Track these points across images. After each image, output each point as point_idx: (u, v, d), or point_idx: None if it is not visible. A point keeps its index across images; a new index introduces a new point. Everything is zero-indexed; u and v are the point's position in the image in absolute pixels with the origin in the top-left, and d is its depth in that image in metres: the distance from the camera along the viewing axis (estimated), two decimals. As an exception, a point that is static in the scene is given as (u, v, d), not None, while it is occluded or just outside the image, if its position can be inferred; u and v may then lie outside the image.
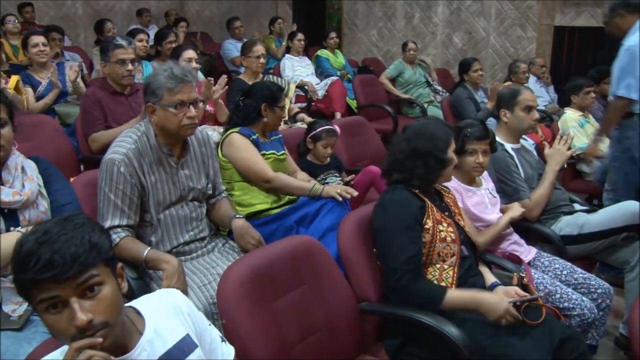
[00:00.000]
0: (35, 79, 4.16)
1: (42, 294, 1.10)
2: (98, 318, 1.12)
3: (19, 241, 1.14)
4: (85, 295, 1.12)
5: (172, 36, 4.93)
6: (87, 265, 1.12)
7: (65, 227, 1.14)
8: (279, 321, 1.82)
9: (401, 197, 2.08)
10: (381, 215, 2.09)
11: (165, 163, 2.24)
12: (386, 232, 2.04)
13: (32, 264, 1.08)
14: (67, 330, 1.11)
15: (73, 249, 1.10)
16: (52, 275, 1.08)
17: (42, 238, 1.11)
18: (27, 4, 7.02)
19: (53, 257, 1.08)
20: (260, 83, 3.17)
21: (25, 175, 1.97)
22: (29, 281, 1.09)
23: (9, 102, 1.96)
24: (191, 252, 2.31)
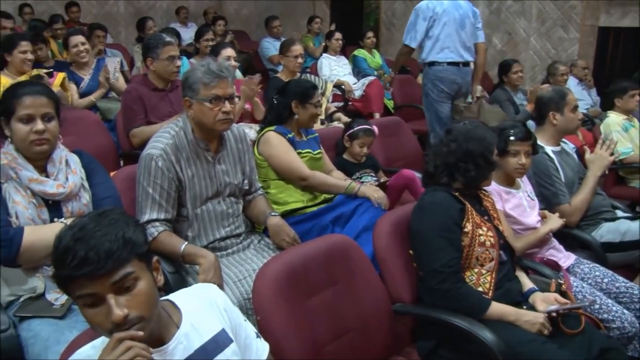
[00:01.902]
0: (77, 75, 4.28)
1: (79, 290, 1.14)
2: (133, 313, 1.14)
3: (58, 236, 1.17)
4: (120, 291, 1.15)
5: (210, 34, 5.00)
6: (121, 262, 1.14)
7: (100, 223, 1.16)
8: (312, 319, 1.82)
9: (441, 199, 2.06)
10: (420, 218, 2.07)
11: (202, 158, 2.27)
12: (426, 235, 2.02)
13: (68, 261, 1.11)
14: (104, 324, 1.14)
15: (107, 245, 1.13)
16: (87, 272, 1.11)
17: (78, 234, 1.13)
18: (74, 3, 7.19)
19: (88, 253, 1.11)
20: (292, 81, 3.19)
21: (69, 169, 2.02)
22: (66, 277, 1.12)
23: (56, 98, 2.03)
24: (227, 248, 2.33)
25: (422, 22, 4.16)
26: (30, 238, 1.84)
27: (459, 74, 4.28)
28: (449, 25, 4.14)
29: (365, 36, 6.39)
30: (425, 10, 4.19)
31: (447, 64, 4.22)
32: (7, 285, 1.94)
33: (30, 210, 1.91)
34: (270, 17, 7.02)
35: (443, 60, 4.20)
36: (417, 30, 4.18)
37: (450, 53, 4.19)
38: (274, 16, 7.09)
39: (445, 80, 4.25)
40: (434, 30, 4.13)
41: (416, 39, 4.19)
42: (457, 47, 4.20)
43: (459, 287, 1.95)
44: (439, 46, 4.17)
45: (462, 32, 4.21)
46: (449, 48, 4.18)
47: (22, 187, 1.92)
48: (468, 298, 1.95)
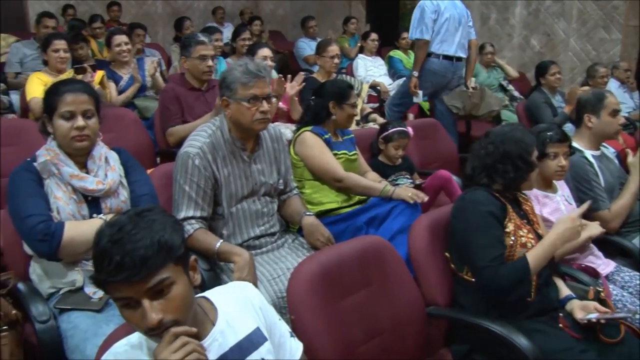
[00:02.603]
0: (117, 74, 4.36)
1: (116, 293, 1.16)
2: (168, 317, 1.16)
3: (98, 233, 1.19)
4: (155, 296, 1.16)
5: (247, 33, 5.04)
6: (155, 268, 1.15)
7: (138, 224, 1.17)
8: (346, 320, 1.81)
9: (482, 197, 2.04)
10: (462, 216, 2.05)
11: (238, 157, 2.29)
12: (470, 232, 2.00)
13: (105, 264, 1.13)
14: (140, 326, 1.17)
15: (142, 251, 1.14)
16: (123, 278, 1.12)
17: (116, 236, 1.15)
18: (115, 3, 7.34)
19: (124, 259, 1.12)
20: (329, 81, 3.20)
21: (108, 166, 2.06)
22: (104, 281, 1.15)
23: (96, 95, 2.07)
24: (261, 246, 2.35)
25: (429, 15, 4.45)
26: (71, 233, 1.88)
27: (451, 68, 4.59)
28: (449, 22, 4.48)
29: (400, 37, 6.35)
30: (430, 6, 4.49)
31: (442, 57, 4.53)
32: (47, 278, 2.00)
33: (70, 205, 1.96)
34: (306, 18, 7.04)
35: (440, 52, 4.50)
36: (426, 23, 4.45)
37: (448, 47, 4.51)
38: (310, 16, 7.11)
39: (437, 73, 4.57)
40: (436, 25, 4.46)
41: (428, 31, 4.45)
42: (454, 42, 4.52)
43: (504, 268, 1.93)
44: (439, 39, 4.48)
45: (459, 30, 4.55)
46: (447, 42, 4.49)
47: (63, 183, 1.97)
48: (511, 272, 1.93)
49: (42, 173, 1.98)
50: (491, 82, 5.93)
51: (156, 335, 1.16)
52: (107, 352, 1.27)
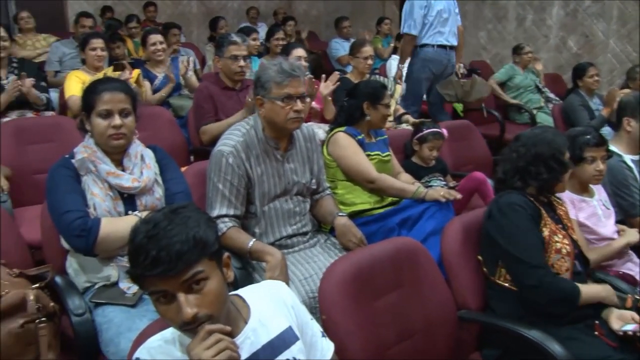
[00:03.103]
0: (152, 73, 4.42)
1: (151, 287, 1.18)
2: (202, 311, 1.17)
3: (133, 230, 1.20)
4: (191, 290, 1.18)
5: (281, 33, 5.06)
6: (190, 262, 1.17)
7: (173, 221, 1.19)
8: (377, 322, 1.81)
9: (518, 199, 2.02)
10: (500, 219, 2.02)
11: (271, 156, 2.30)
12: (511, 234, 1.97)
13: (141, 259, 1.15)
14: (175, 320, 1.18)
15: (178, 246, 1.15)
16: (159, 272, 1.14)
17: (152, 231, 1.17)
18: (151, 3, 7.45)
19: (160, 254, 1.14)
20: (363, 82, 3.19)
21: (144, 163, 2.09)
22: (140, 275, 1.16)
23: (133, 94, 2.10)
24: (293, 245, 2.35)
25: (418, 10, 4.60)
26: (107, 229, 1.91)
27: (446, 56, 4.73)
28: (441, 14, 4.64)
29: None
30: (419, 1, 4.62)
31: (437, 47, 4.67)
32: (83, 273, 2.03)
33: (107, 202, 1.99)
34: (340, 18, 7.04)
35: (434, 43, 4.65)
36: (414, 18, 4.60)
37: (441, 37, 4.66)
38: (344, 17, 7.10)
39: (434, 61, 4.71)
40: (428, 17, 4.61)
41: (416, 27, 4.61)
42: (446, 32, 4.68)
43: (557, 279, 1.92)
44: (432, 31, 4.63)
45: (450, 19, 4.72)
46: (440, 33, 4.65)
47: (100, 180, 2.00)
48: (567, 287, 1.92)
49: (79, 170, 2.01)
50: (528, 84, 5.85)
51: (190, 330, 1.17)
52: (141, 347, 1.29)
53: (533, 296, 1.94)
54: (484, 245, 2.09)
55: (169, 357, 1.24)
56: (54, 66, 4.97)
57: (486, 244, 2.08)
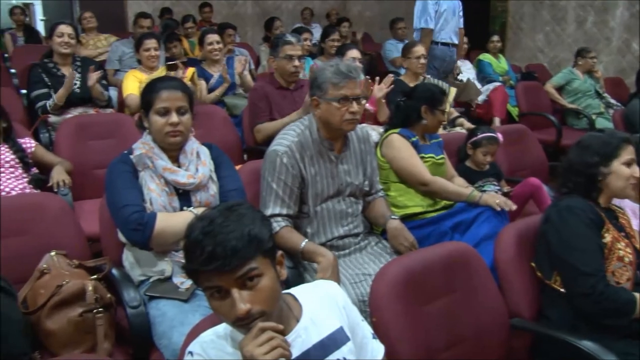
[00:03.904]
0: (207, 72, 4.50)
1: (206, 282, 1.19)
2: (256, 308, 1.18)
3: (189, 226, 1.23)
4: (245, 286, 1.19)
5: (336, 34, 5.07)
6: (245, 259, 1.18)
7: (229, 217, 1.20)
8: (428, 326, 1.79)
9: (579, 203, 1.97)
10: (558, 222, 1.97)
11: (325, 157, 2.30)
12: (568, 239, 1.93)
13: (197, 254, 1.16)
14: (228, 316, 1.19)
15: (233, 242, 1.16)
16: (214, 268, 1.15)
17: (208, 228, 1.18)
18: (207, 4, 7.59)
19: (215, 249, 1.15)
20: (423, 85, 3.16)
21: (200, 160, 2.13)
22: (196, 270, 1.18)
23: (190, 93, 2.14)
24: (345, 247, 2.35)
25: (431, 6, 4.84)
26: (162, 224, 1.96)
27: (449, 53, 4.97)
28: (448, 12, 4.89)
29: (491, 40, 6.19)
30: None
31: (441, 44, 4.91)
32: (139, 266, 2.08)
33: (163, 197, 2.03)
34: (395, 19, 6.98)
35: (439, 40, 4.88)
36: (429, 13, 4.84)
37: (445, 35, 4.90)
38: (399, 18, 7.04)
39: (438, 58, 4.91)
40: (437, 15, 4.87)
41: (432, 21, 4.85)
42: (450, 30, 4.92)
43: (611, 289, 1.86)
44: (438, 28, 4.87)
45: (454, 19, 4.97)
46: (444, 30, 4.89)
47: (156, 176, 2.05)
48: (621, 297, 1.86)
49: (137, 165, 2.07)
50: (587, 88, 5.68)
51: (243, 326, 1.18)
52: (194, 342, 1.30)
53: (583, 304, 1.89)
54: (539, 249, 2.05)
55: (221, 353, 1.26)
56: (114, 65, 5.12)
57: (542, 248, 2.03)
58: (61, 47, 3.83)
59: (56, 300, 1.88)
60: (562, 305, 1.96)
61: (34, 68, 3.87)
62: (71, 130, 3.29)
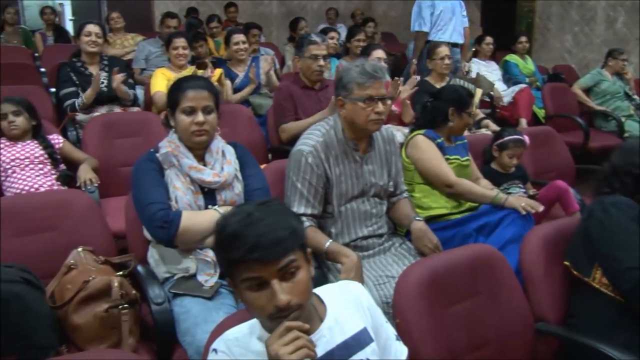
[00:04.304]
0: (233, 72, 4.53)
1: (246, 274, 1.19)
2: (294, 300, 1.18)
3: (220, 223, 1.23)
4: (284, 277, 1.19)
5: (362, 34, 5.07)
6: (288, 250, 1.19)
7: (266, 211, 1.21)
8: (451, 328, 1.78)
9: (623, 200, 1.94)
10: (603, 217, 1.93)
11: (350, 157, 2.30)
12: (612, 233, 1.89)
13: (239, 244, 1.16)
14: (265, 308, 1.19)
15: (277, 232, 1.18)
16: (258, 257, 1.16)
17: (246, 221, 1.19)
18: (232, 4, 7.64)
19: (259, 239, 1.16)
20: (451, 86, 3.14)
21: (225, 159, 2.14)
22: (236, 260, 1.18)
23: (216, 92, 2.16)
24: (368, 247, 2.34)
25: (426, 9, 5.03)
26: (187, 222, 1.97)
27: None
28: (444, 13, 5.03)
29: (517, 41, 6.12)
30: (426, 1, 5.05)
31: None
32: (163, 263, 2.10)
33: (188, 196, 2.05)
34: (420, 20, 6.94)
35: (438, 40, 4.88)
36: (423, 17, 5.04)
37: (444, 35, 5.01)
38: (423, 18, 7.00)
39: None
40: (433, 17, 5.04)
41: (426, 24, 5.04)
42: (450, 31, 5.05)
43: None
44: (436, 29, 5.03)
45: (454, 19, 5.08)
46: (442, 31, 5.03)
47: (182, 174, 2.07)
48: None
49: (163, 163, 2.09)
50: (616, 90, 5.59)
51: (278, 319, 1.18)
52: (218, 339, 1.31)
53: (629, 300, 1.85)
54: (576, 247, 2.01)
55: (245, 351, 1.26)
56: (140, 64, 5.18)
57: (580, 245, 2.00)
58: (88, 47, 3.88)
59: (83, 295, 1.91)
60: (598, 308, 1.92)
61: (62, 67, 3.93)
62: (98, 129, 3.33)
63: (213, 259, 2.01)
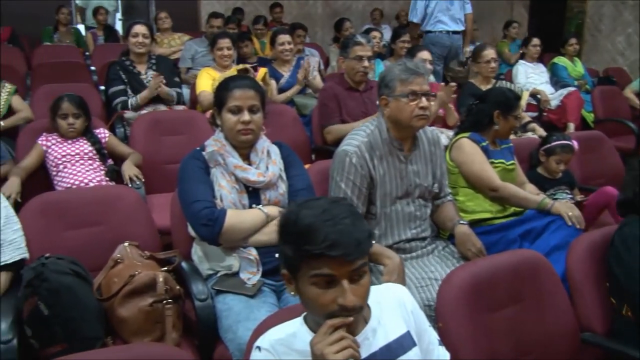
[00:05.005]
0: (278, 72, 4.55)
1: (319, 269, 1.18)
2: (358, 302, 1.19)
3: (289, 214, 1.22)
4: (353, 280, 1.19)
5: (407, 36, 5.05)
6: (364, 252, 1.19)
7: (342, 210, 1.21)
8: (493, 335, 1.74)
9: None
10: (622, 250, 1.89)
11: (395, 157, 2.29)
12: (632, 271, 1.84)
13: (319, 239, 1.15)
14: (329, 306, 1.19)
15: (358, 234, 1.18)
16: (338, 255, 1.15)
17: (324, 216, 1.18)
18: (278, 4, 7.70)
19: (341, 237, 1.15)
20: (497, 89, 3.10)
21: (270, 159, 2.16)
22: (313, 254, 1.17)
23: (262, 91, 2.18)
24: (411, 250, 2.33)
25: (420, 2, 5.31)
26: (232, 221, 2.00)
27: (448, 39, 5.29)
28: (440, 4, 5.24)
29: (567, 43, 5.97)
30: None
31: (439, 32, 5.29)
32: (207, 260, 2.13)
33: (233, 194, 2.07)
34: (466, 21, 6.87)
35: (436, 29, 5.27)
36: (417, 9, 5.33)
37: (442, 25, 5.26)
38: (470, 20, 6.92)
39: (437, 44, 5.25)
40: (429, 8, 5.27)
41: (417, 16, 5.34)
42: (447, 20, 5.25)
43: None
44: (434, 20, 5.26)
45: (452, 8, 5.27)
46: (441, 21, 5.25)
47: (227, 173, 2.09)
48: None
49: (209, 162, 2.12)
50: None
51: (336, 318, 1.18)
52: (262, 337, 1.32)
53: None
54: (610, 272, 1.96)
55: (288, 350, 1.27)
56: (187, 63, 5.26)
57: (610, 272, 1.95)
58: (136, 47, 3.98)
59: (128, 289, 1.95)
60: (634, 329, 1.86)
61: (112, 66, 4.03)
62: (145, 126, 3.40)
63: (256, 258, 2.03)
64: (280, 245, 1.25)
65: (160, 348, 1.65)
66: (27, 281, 1.87)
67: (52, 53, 5.80)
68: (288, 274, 1.26)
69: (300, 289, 1.23)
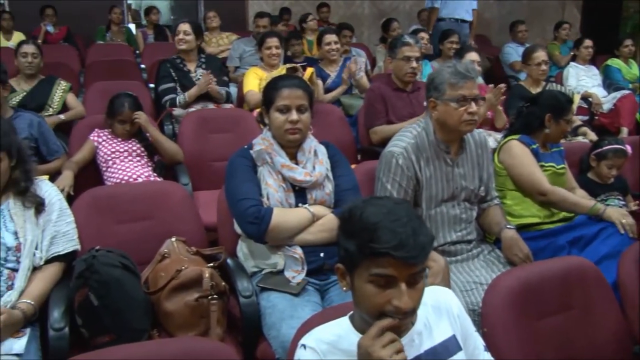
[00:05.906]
0: (325, 72, 4.57)
1: (381, 269, 1.18)
2: (413, 305, 1.19)
3: (352, 210, 1.23)
4: (410, 283, 1.19)
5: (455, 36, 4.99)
6: (426, 257, 1.19)
7: (405, 212, 1.21)
8: (540, 342, 1.71)
9: None
10: None
11: (441, 159, 2.27)
12: None
13: (387, 238, 1.15)
14: (382, 306, 1.19)
15: (423, 238, 1.18)
16: (402, 256, 1.15)
17: (390, 216, 1.18)
18: (325, 4, 7.72)
19: (407, 239, 1.15)
20: (549, 92, 3.03)
21: (317, 159, 2.17)
22: (376, 252, 1.16)
23: (310, 91, 2.19)
24: (456, 253, 2.30)
25: None
26: (278, 219, 2.01)
27: (457, 27, 5.64)
28: None
29: (622, 44, 5.79)
30: None
31: (448, 20, 5.77)
32: (252, 258, 2.15)
33: (279, 193, 2.09)
34: (515, 22, 6.76)
35: (446, 17, 5.78)
36: None
37: (452, 12, 5.76)
38: (520, 20, 6.80)
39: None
40: None
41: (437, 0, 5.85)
42: (457, 8, 5.78)
43: None
44: (445, 7, 5.80)
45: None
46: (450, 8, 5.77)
47: (274, 172, 2.11)
48: None
49: (256, 160, 2.14)
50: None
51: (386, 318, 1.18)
52: (307, 335, 1.32)
53: None
54: None
55: (334, 349, 1.27)
56: (235, 62, 5.33)
57: None
58: (178, 44, 4.07)
59: (175, 283, 1.99)
60: None
61: (163, 64, 4.11)
62: (194, 123, 3.46)
63: (301, 256, 2.04)
64: (340, 240, 1.25)
65: (205, 343, 1.67)
66: (78, 272, 1.93)
67: (104, 51, 5.96)
68: (343, 269, 1.26)
69: (355, 285, 1.23)
